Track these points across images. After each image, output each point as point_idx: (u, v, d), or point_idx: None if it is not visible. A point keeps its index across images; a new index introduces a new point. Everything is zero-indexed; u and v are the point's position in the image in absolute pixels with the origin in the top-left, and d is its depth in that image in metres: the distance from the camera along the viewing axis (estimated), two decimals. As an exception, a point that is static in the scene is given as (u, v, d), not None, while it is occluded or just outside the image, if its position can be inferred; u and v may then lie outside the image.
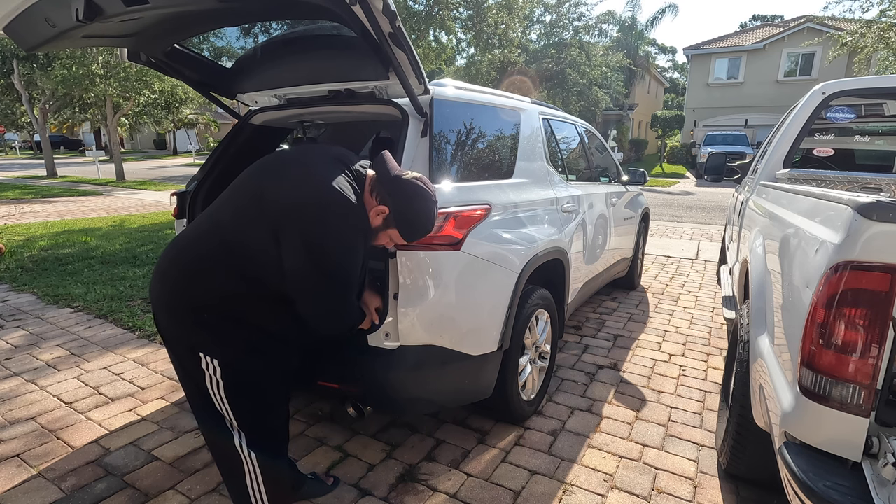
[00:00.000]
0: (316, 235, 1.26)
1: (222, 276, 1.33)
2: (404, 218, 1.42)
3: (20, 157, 31.22)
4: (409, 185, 1.42)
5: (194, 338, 1.36)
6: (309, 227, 1.26)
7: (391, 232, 1.45)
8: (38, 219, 8.28)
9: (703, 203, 11.78)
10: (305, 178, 1.34)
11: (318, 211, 1.26)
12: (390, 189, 1.40)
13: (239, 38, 14.24)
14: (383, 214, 1.41)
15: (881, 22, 10.28)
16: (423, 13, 11.61)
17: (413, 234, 1.47)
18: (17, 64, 14.85)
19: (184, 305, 1.35)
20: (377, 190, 1.41)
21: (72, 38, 1.74)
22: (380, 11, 1.39)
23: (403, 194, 1.40)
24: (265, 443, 1.49)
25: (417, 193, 1.42)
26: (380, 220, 1.42)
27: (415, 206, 1.42)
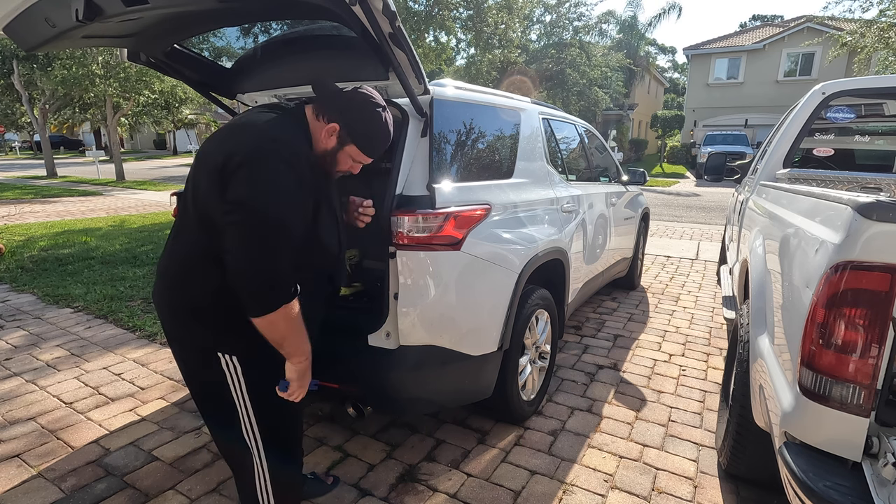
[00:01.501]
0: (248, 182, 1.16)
1: (208, 269, 1.25)
2: (357, 129, 1.35)
3: (20, 158, 31.22)
4: (355, 95, 1.35)
5: (206, 340, 1.31)
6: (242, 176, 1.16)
7: (349, 150, 1.38)
8: (38, 219, 8.28)
9: (704, 203, 11.78)
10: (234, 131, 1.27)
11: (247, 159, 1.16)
12: (335, 104, 1.34)
13: (239, 38, 14.25)
14: (335, 132, 1.34)
15: (881, 22, 10.28)
16: (423, 13, 11.60)
17: (372, 146, 1.39)
18: (17, 64, 14.85)
19: (185, 308, 1.32)
20: (322, 111, 1.34)
21: (72, 39, 1.74)
22: (380, 11, 1.39)
23: (350, 104, 1.34)
24: (281, 444, 1.44)
25: (364, 100, 1.35)
26: (333, 139, 1.35)
27: (364, 114, 1.35)
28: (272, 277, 1.15)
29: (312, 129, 1.34)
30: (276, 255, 1.15)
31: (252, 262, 1.14)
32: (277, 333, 1.20)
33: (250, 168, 1.15)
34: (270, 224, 1.16)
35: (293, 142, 1.24)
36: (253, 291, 1.15)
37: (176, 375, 2.81)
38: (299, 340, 1.24)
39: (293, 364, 1.26)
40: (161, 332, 3.38)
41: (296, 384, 1.27)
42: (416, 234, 1.75)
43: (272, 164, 1.17)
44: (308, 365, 1.28)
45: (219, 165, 1.18)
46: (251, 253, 1.14)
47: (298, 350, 1.24)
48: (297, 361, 1.25)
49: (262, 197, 1.15)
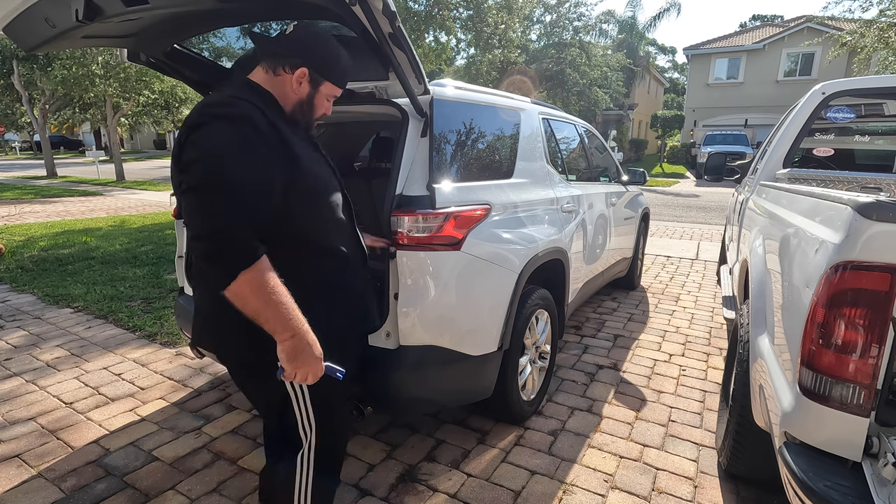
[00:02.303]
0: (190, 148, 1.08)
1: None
2: (325, 65, 1.26)
3: (20, 158, 31.22)
4: (302, 32, 1.25)
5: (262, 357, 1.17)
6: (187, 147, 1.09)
7: (324, 89, 1.29)
8: (39, 219, 8.28)
9: (703, 203, 11.78)
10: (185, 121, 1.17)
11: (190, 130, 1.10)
12: (290, 49, 1.23)
13: (239, 39, 14.24)
14: (304, 76, 1.24)
15: (881, 22, 10.28)
16: (423, 13, 11.60)
17: (343, 75, 1.32)
18: (17, 64, 14.86)
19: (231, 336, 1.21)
20: (278, 62, 1.24)
21: (71, 39, 1.74)
22: (380, 11, 1.39)
23: (307, 43, 1.24)
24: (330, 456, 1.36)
25: (315, 33, 1.26)
26: (305, 84, 1.25)
27: (324, 46, 1.26)
28: (222, 239, 1.02)
29: (272, 87, 1.24)
30: (225, 215, 1.03)
31: (200, 227, 1.03)
32: (248, 306, 1.06)
33: (193, 136, 1.08)
34: (217, 183, 1.04)
35: (233, 102, 1.12)
36: (205, 259, 1.04)
37: (176, 375, 2.82)
38: (278, 314, 1.07)
39: (279, 343, 1.10)
40: (161, 333, 3.38)
41: (288, 366, 1.12)
42: (416, 234, 1.75)
43: (215, 126, 1.08)
44: (298, 343, 1.10)
45: (175, 153, 1.13)
46: (199, 217, 1.04)
47: (279, 325, 1.08)
48: (280, 339, 1.10)
49: (205, 157, 1.06)
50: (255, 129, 1.10)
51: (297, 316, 1.10)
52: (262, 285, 1.05)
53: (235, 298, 1.05)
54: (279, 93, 1.24)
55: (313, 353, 1.13)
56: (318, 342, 1.14)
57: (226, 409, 2.48)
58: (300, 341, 1.10)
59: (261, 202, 1.09)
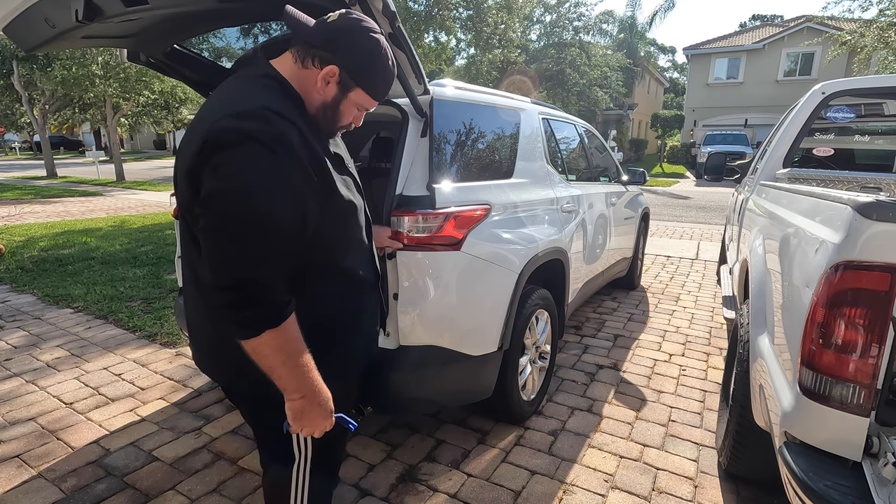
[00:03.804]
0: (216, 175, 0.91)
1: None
2: (361, 68, 1.06)
3: (20, 158, 31.22)
4: (347, 22, 1.03)
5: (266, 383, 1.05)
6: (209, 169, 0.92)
7: (354, 96, 1.08)
8: (39, 219, 8.28)
9: (703, 203, 11.78)
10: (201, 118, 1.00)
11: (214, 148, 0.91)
12: (324, 40, 1.03)
13: (239, 39, 14.24)
14: (334, 77, 1.05)
15: (880, 21, 10.28)
16: (423, 13, 11.60)
17: (380, 86, 1.11)
18: (17, 64, 14.86)
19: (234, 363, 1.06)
20: (309, 54, 1.04)
21: (71, 39, 1.74)
22: (379, 12, 1.39)
23: (346, 38, 1.03)
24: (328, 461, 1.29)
25: (360, 29, 1.04)
26: (332, 87, 1.06)
27: (365, 46, 1.05)
28: (251, 294, 0.90)
29: (298, 81, 1.06)
30: (256, 262, 0.90)
31: (225, 276, 0.90)
32: (263, 362, 0.96)
33: (218, 157, 0.91)
34: (247, 224, 0.90)
35: (267, 117, 0.94)
36: (227, 310, 0.91)
37: (176, 375, 2.82)
38: (293, 374, 0.97)
39: (287, 399, 1.01)
40: (161, 333, 3.38)
41: (294, 424, 1.03)
42: (416, 234, 1.75)
43: (247, 150, 0.91)
44: (306, 405, 1.01)
45: (186, 166, 0.96)
46: (223, 263, 0.90)
47: (291, 385, 0.98)
48: (289, 398, 1.00)
49: (235, 190, 0.89)
50: (291, 154, 0.95)
51: (312, 376, 1.00)
52: (284, 345, 0.95)
53: (251, 352, 0.95)
54: (303, 89, 1.06)
55: (322, 411, 1.04)
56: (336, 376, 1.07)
57: (226, 409, 2.48)
58: (310, 402, 1.01)
59: (293, 242, 0.97)
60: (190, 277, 1.13)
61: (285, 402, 1.01)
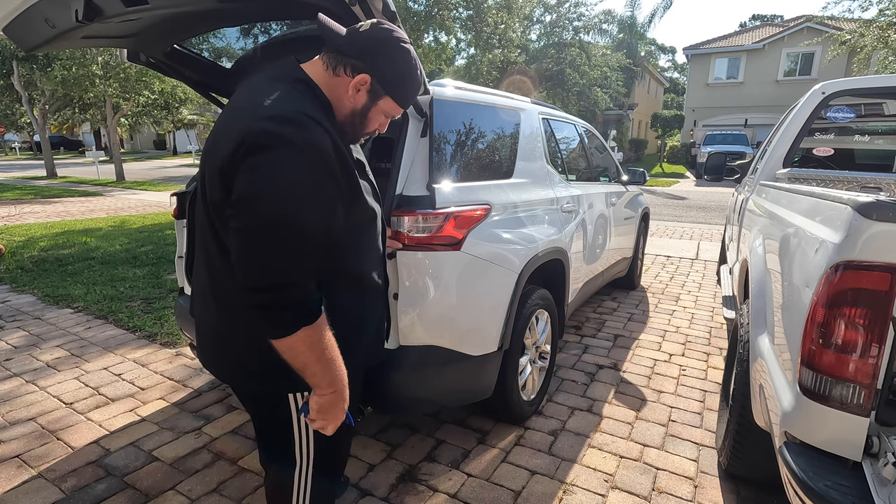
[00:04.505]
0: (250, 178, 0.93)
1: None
2: (392, 77, 1.09)
3: (20, 158, 31.22)
4: (378, 32, 1.07)
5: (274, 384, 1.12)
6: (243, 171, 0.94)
7: (383, 104, 1.12)
8: (39, 219, 8.28)
9: (703, 203, 11.78)
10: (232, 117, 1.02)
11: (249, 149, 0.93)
12: (356, 49, 1.06)
13: (239, 39, 14.26)
14: (365, 86, 1.07)
15: (880, 21, 10.28)
16: (422, 13, 11.61)
17: (408, 94, 1.14)
18: (17, 64, 14.86)
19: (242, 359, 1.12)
20: (340, 61, 1.06)
21: (71, 39, 1.74)
22: (379, 12, 1.39)
23: (377, 47, 1.06)
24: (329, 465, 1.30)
25: (391, 38, 1.07)
26: (363, 95, 1.09)
27: (396, 56, 1.08)
28: (288, 295, 0.93)
29: (328, 87, 1.07)
30: (290, 264, 0.93)
31: (261, 277, 0.92)
32: (297, 360, 0.99)
33: (254, 160, 0.93)
34: (284, 227, 0.92)
35: (302, 122, 0.96)
36: (261, 308, 0.93)
37: (176, 375, 2.82)
38: (325, 369, 1.00)
39: (316, 395, 1.04)
40: (161, 333, 3.38)
41: (317, 416, 1.06)
42: (416, 234, 1.75)
43: (283, 154, 0.93)
44: (335, 399, 1.05)
45: (219, 166, 0.97)
46: (260, 265, 0.92)
47: (324, 381, 1.02)
48: (319, 393, 1.03)
49: (272, 194, 0.92)
50: (325, 161, 0.98)
51: (342, 372, 1.04)
52: (318, 341, 0.98)
53: (286, 350, 0.98)
54: (334, 96, 1.08)
55: (344, 407, 1.08)
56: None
57: (226, 409, 2.48)
58: (338, 398, 1.05)
59: (323, 245, 1.01)
60: (205, 274, 1.13)
61: (312, 395, 1.05)
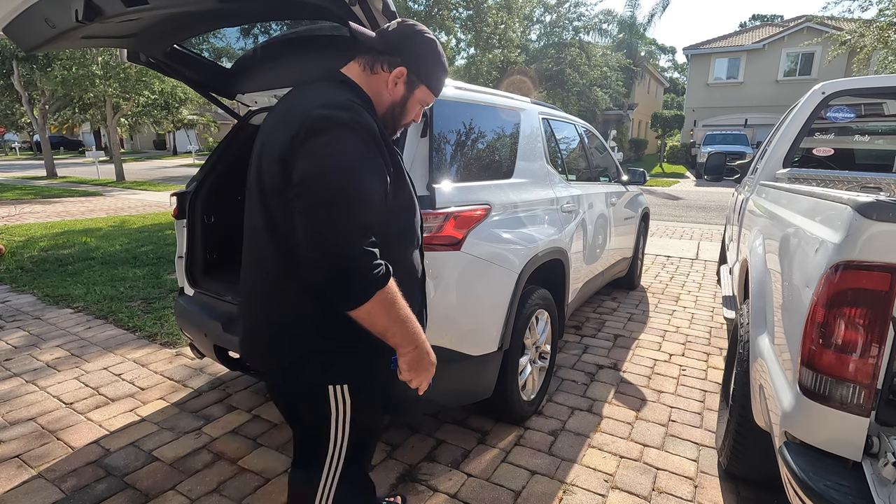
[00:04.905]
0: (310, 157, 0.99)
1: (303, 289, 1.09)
2: (425, 67, 1.19)
3: (20, 158, 31.22)
4: (406, 29, 1.17)
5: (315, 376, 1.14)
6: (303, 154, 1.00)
7: (419, 94, 1.22)
8: (39, 219, 8.28)
9: (703, 203, 11.78)
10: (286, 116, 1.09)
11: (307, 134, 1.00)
12: (390, 46, 1.16)
13: (239, 39, 14.26)
14: (402, 77, 1.17)
15: (880, 21, 10.28)
16: (423, 13, 11.61)
17: (438, 82, 1.24)
18: (17, 64, 14.86)
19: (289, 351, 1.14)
20: (378, 59, 1.16)
21: (71, 39, 1.74)
22: (379, 12, 1.39)
23: (409, 42, 1.16)
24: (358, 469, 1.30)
25: (419, 33, 1.18)
26: (401, 85, 1.18)
27: (426, 47, 1.18)
28: (356, 263, 0.96)
29: (367, 85, 1.17)
30: (358, 233, 0.97)
31: (333, 250, 0.95)
32: (377, 325, 1.02)
33: (314, 141, 0.99)
34: (349, 201, 0.97)
35: (355, 108, 1.05)
36: (338, 282, 0.96)
37: (176, 375, 2.82)
38: (403, 328, 1.05)
39: (402, 354, 1.08)
40: (161, 333, 3.38)
41: (408, 375, 1.09)
42: (416, 235, 1.75)
43: (340, 135, 1.00)
44: (419, 354, 1.09)
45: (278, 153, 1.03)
46: (328, 235, 0.96)
47: (405, 339, 1.06)
48: (404, 352, 1.07)
49: (336, 171, 0.98)
50: (376, 141, 1.05)
51: (419, 327, 1.08)
52: (393, 303, 1.02)
53: (365, 317, 1.01)
54: (373, 92, 1.17)
55: (430, 358, 1.12)
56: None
57: (226, 409, 2.48)
58: (420, 351, 1.09)
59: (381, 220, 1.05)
60: (256, 272, 1.17)
61: (399, 356, 1.08)
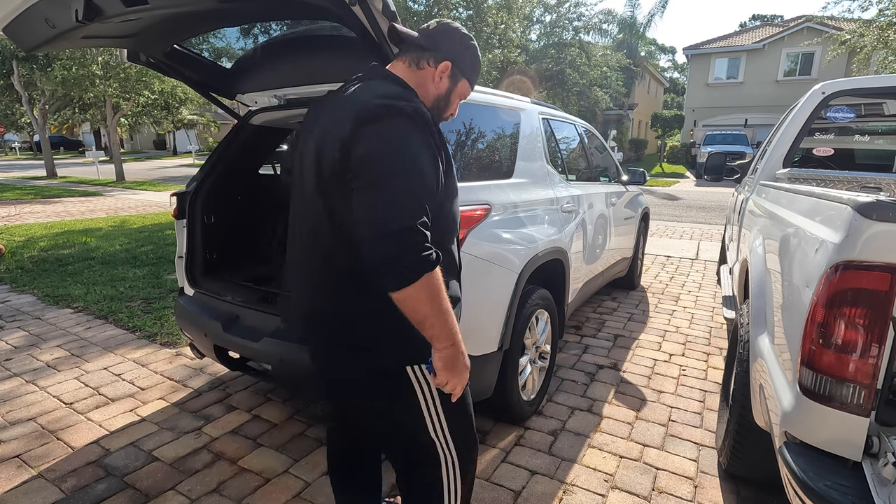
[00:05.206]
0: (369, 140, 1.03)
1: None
2: (466, 61, 1.26)
3: (20, 158, 31.22)
4: (446, 27, 1.24)
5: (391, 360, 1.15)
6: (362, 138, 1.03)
7: (460, 87, 1.28)
8: (39, 219, 8.28)
9: (703, 203, 11.78)
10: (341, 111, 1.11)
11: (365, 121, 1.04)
12: (435, 42, 1.22)
13: (239, 39, 14.25)
14: (446, 71, 1.23)
15: (880, 21, 10.28)
16: (422, 13, 11.61)
17: (477, 74, 1.31)
18: (17, 64, 14.86)
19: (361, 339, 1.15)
20: (422, 56, 1.21)
21: (71, 39, 1.74)
22: (379, 12, 1.39)
23: (450, 38, 1.23)
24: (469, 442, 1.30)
25: (457, 29, 1.25)
26: (446, 79, 1.24)
27: (465, 42, 1.25)
28: (409, 240, 0.97)
29: (414, 82, 1.21)
30: (413, 210, 0.98)
31: (384, 224, 0.97)
32: (419, 311, 1.01)
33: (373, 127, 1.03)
34: (406, 180, 1.00)
35: (411, 98, 1.11)
36: (387, 258, 0.97)
37: (176, 375, 2.81)
38: (443, 321, 1.03)
39: (437, 350, 1.06)
40: (161, 333, 3.38)
41: (443, 375, 1.08)
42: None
43: (398, 121, 1.04)
44: (455, 353, 1.07)
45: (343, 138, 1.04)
46: (386, 215, 0.97)
47: (443, 333, 1.04)
48: (440, 346, 1.05)
49: (393, 153, 1.01)
50: (430, 129, 1.08)
51: (456, 325, 1.08)
52: (437, 292, 1.01)
53: (409, 301, 1.00)
54: (419, 87, 1.22)
55: (465, 360, 1.11)
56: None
57: (226, 409, 2.48)
58: (457, 350, 1.07)
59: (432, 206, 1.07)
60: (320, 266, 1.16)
61: (434, 353, 1.07)
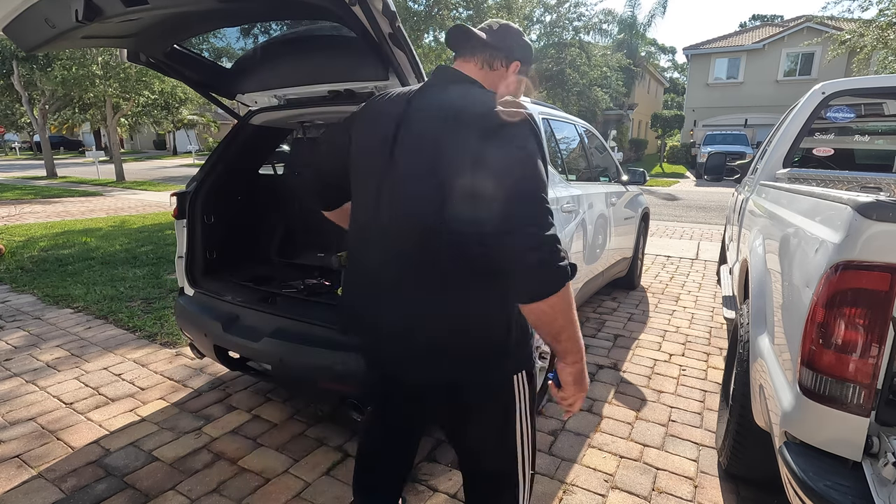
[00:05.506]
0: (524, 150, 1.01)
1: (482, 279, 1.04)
2: (528, 59, 1.28)
3: (20, 158, 31.22)
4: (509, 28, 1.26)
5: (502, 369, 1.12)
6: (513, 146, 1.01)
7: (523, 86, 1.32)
8: (39, 219, 8.28)
9: (703, 203, 11.78)
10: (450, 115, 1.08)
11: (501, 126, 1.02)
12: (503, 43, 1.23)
13: (239, 39, 14.22)
14: (516, 70, 1.26)
15: (880, 21, 10.28)
16: (422, 13, 11.61)
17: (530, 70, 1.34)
18: (17, 64, 14.86)
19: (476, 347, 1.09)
20: (496, 57, 1.22)
21: (71, 39, 1.74)
22: (379, 12, 1.39)
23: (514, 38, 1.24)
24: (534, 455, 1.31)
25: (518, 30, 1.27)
26: (515, 80, 1.27)
27: (525, 42, 1.28)
28: (557, 245, 0.94)
29: (488, 83, 1.22)
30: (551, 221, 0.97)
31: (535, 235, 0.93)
32: (557, 322, 0.97)
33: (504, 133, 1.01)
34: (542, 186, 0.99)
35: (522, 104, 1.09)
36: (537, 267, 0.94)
37: (176, 375, 2.81)
38: (576, 334, 1.00)
39: (568, 364, 1.03)
40: (161, 333, 3.38)
41: (570, 389, 1.04)
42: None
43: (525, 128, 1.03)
44: (582, 368, 1.04)
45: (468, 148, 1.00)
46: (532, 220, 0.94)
47: (575, 346, 1.01)
48: (571, 360, 1.02)
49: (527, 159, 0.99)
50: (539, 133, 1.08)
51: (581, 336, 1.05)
52: (572, 302, 0.99)
53: (549, 311, 0.96)
54: (492, 87, 1.23)
55: (587, 380, 1.08)
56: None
57: (226, 409, 2.48)
58: (583, 365, 1.05)
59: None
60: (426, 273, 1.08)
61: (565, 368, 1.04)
